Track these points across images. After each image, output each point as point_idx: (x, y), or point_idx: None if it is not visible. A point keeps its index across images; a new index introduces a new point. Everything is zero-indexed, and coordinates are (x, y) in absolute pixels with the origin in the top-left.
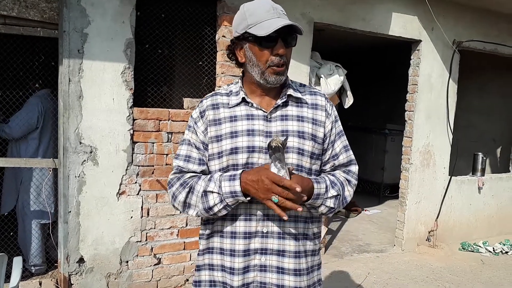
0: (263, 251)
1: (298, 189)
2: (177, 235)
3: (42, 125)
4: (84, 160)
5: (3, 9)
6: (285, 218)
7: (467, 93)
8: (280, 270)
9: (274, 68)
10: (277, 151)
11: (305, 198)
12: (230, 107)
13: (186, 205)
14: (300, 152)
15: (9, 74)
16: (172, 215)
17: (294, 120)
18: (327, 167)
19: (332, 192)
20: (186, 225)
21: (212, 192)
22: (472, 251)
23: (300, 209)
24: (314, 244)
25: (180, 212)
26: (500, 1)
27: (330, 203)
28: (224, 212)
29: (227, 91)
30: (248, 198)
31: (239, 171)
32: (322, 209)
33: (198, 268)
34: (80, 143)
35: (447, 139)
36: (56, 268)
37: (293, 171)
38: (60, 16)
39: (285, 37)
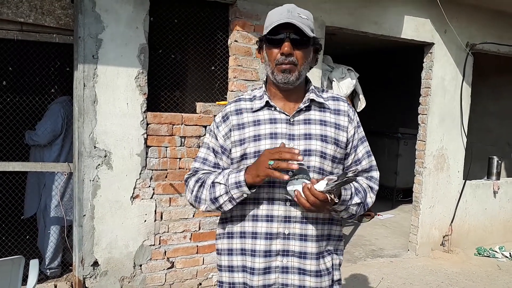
0: (285, 253)
1: (296, 150)
2: (190, 238)
3: (65, 130)
4: (99, 164)
5: (20, 16)
6: (285, 177)
7: (481, 96)
8: (302, 272)
9: (280, 66)
10: (347, 180)
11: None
12: (254, 111)
13: (197, 199)
14: (323, 155)
15: (25, 80)
16: (185, 218)
17: (317, 124)
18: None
19: (356, 200)
20: (199, 229)
21: (220, 183)
22: (488, 256)
23: (300, 158)
24: (334, 244)
25: (196, 209)
26: None
27: (353, 210)
28: (229, 206)
29: (251, 96)
30: (253, 190)
31: (247, 166)
32: (343, 214)
33: (220, 268)
34: (95, 147)
35: (461, 143)
36: (71, 271)
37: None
38: (75, 22)
39: (295, 39)
